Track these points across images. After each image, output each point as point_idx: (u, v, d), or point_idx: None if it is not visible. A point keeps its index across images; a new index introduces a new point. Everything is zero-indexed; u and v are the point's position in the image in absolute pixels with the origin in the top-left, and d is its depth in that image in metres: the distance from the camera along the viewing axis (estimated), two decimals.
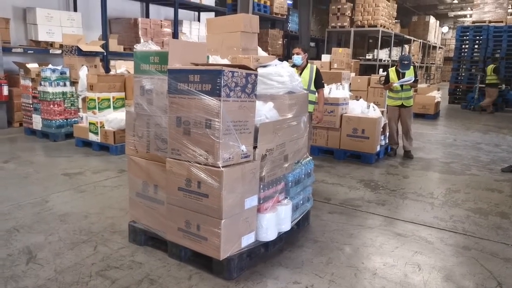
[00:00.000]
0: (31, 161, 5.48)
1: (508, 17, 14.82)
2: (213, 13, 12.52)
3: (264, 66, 3.24)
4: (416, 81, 6.12)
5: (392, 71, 6.23)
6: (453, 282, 2.72)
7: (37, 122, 6.89)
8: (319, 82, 4.76)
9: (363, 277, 2.75)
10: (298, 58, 4.69)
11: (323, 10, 17.37)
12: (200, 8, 12.36)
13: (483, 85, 12.79)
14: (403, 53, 18.12)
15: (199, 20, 12.88)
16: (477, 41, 14.32)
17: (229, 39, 4.88)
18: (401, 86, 6.04)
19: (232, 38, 4.87)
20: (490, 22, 14.46)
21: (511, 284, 2.71)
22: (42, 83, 6.57)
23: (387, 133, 6.37)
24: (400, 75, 6.10)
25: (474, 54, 14.41)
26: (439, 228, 3.62)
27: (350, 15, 15.28)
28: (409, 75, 6.01)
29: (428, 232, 3.53)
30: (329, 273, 2.77)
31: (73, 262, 2.79)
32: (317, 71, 4.78)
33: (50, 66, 6.72)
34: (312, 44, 18.19)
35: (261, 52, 5.17)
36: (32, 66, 6.97)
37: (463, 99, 14.04)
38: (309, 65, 4.81)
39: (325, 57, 12.58)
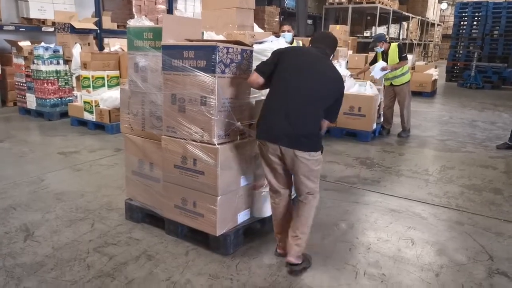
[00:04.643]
0: (26, 140, 5.45)
1: None
2: None
3: (260, 43, 3.19)
4: (403, 58, 5.77)
5: (379, 54, 6.02)
6: (446, 256, 2.77)
7: (31, 101, 6.82)
8: None
9: (357, 251, 2.79)
10: (289, 35, 4.73)
11: None
12: None
13: (480, 63, 12.68)
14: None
15: None
16: (476, 18, 14.15)
17: (225, 15, 4.80)
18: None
19: (228, 15, 4.78)
20: None
21: (502, 257, 2.77)
22: (35, 61, 6.48)
23: (381, 112, 6.31)
24: (384, 56, 5.93)
25: (473, 31, 14.25)
26: (433, 204, 3.66)
27: None
28: (392, 55, 5.80)
29: (422, 208, 3.57)
30: (324, 248, 2.82)
31: (70, 239, 2.82)
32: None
33: (42, 44, 6.60)
34: (310, 21, 17.89)
35: (257, 29, 5.09)
36: (25, 44, 6.84)
37: (461, 77, 13.97)
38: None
39: None
